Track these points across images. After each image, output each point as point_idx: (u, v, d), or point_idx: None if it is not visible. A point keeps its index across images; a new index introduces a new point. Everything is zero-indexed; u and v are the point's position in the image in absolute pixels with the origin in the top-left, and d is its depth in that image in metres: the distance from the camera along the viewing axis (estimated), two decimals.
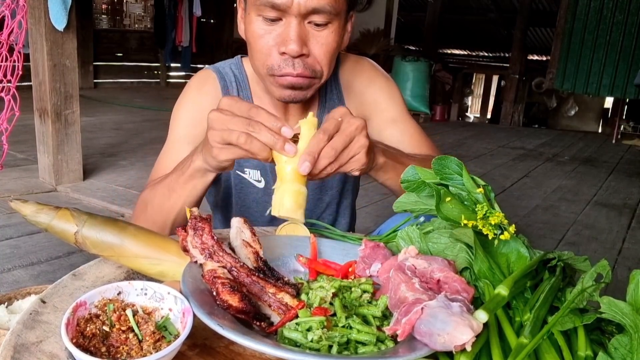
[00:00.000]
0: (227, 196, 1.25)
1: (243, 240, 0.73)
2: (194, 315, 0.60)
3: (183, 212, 0.95)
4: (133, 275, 0.79)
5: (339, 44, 1.03)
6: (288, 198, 0.75)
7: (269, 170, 1.18)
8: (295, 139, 0.76)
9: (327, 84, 1.17)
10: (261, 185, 1.20)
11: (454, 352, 0.56)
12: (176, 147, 1.11)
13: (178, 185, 0.94)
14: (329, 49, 0.99)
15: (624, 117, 7.01)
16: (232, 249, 0.74)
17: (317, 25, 0.96)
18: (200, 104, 1.13)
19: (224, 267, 0.67)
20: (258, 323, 0.64)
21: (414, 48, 9.60)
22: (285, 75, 0.98)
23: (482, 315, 0.58)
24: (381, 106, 1.22)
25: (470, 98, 10.76)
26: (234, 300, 0.62)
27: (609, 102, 7.38)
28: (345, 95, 1.21)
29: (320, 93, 1.18)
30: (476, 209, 0.77)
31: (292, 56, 0.96)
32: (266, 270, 0.70)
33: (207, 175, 0.90)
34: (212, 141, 0.79)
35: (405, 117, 1.24)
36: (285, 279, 0.70)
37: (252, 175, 1.20)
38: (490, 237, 0.75)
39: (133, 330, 0.59)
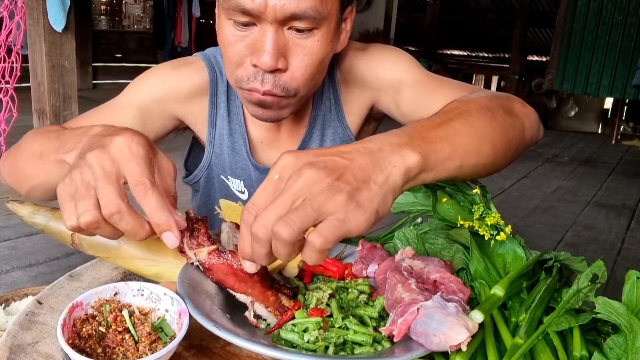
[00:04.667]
0: (211, 201, 1.12)
1: (236, 245, 0.72)
2: (190, 317, 0.60)
3: (41, 187, 0.79)
4: (130, 276, 0.79)
5: (328, 52, 0.86)
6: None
7: (254, 180, 1.05)
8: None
9: (324, 84, 1.01)
10: (244, 197, 1.06)
11: (450, 352, 0.56)
12: (116, 111, 0.94)
13: (48, 159, 0.71)
14: (313, 61, 0.83)
15: (623, 117, 7.01)
16: None
17: (299, 32, 0.80)
18: (169, 81, 0.98)
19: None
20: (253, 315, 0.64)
21: (413, 49, 9.59)
22: (252, 91, 0.84)
23: (477, 316, 0.58)
24: (383, 75, 0.98)
25: None
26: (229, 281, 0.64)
27: (608, 102, 7.38)
28: (343, 91, 1.02)
29: (316, 96, 1.02)
30: (473, 210, 0.78)
31: (264, 70, 0.81)
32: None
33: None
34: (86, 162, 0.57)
35: (415, 74, 0.97)
36: (281, 282, 0.70)
37: (235, 185, 1.07)
38: (486, 238, 0.75)
39: (129, 331, 0.59)
